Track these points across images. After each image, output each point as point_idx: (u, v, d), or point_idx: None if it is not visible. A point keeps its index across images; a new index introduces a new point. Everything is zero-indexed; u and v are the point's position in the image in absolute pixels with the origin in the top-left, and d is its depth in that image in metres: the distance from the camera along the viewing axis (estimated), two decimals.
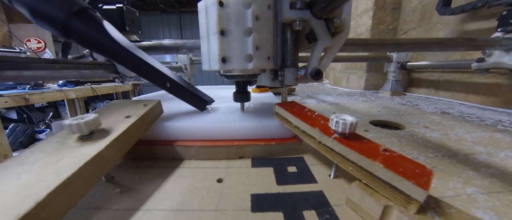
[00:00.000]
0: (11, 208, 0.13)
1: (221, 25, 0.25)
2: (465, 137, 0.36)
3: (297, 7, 0.27)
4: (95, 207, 0.20)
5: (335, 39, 0.29)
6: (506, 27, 0.51)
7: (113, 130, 0.23)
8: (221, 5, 0.24)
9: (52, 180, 0.16)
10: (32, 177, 0.16)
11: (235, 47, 0.26)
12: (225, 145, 0.29)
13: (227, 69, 0.27)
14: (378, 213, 0.17)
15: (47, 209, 0.15)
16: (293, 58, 0.31)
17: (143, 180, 0.25)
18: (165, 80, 0.33)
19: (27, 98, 1.06)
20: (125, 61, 0.31)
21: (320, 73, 0.29)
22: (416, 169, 0.17)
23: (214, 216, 0.19)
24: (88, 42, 0.30)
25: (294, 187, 0.23)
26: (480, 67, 0.55)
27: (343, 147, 0.20)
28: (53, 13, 0.26)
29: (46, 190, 0.15)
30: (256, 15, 0.25)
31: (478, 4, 0.54)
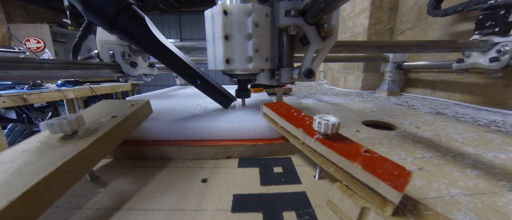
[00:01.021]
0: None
1: (225, 31, 0.29)
2: (456, 138, 0.35)
3: (291, 14, 0.31)
4: (76, 207, 0.20)
5: (325, 42, 0.32)
6: (482, 31, 0.55)
7: (97, 130, 0.23)
8: (225, 14, 0.28)
9: (28, 179, 0.16)
10: (9, 176, 0.16)
11: (237, 50, 0.30)
12: (212, 145, 0.29)
13: (230, 69, 0.31)
14: (356, 214, 0.17)
15: (22, 208, 0.15)
16: (288, 59, 0.34)
17: (127, 180, 0.25)
18: (196, 77, 0.35)
19: (25, 98, 1.07)
20: (162, 56, 0.33)
21: (312, 72, 0.32)
22: (395, 171, 0.17)
23: (193, 216, 0.19)
24: (131, 36, 0.31)
25: (278, 187, 0.23)
26: (460, 67, 0.59)
27: (325, 148, 0.20)
28: (104, 8, 0.28)
29: (21, 189, 0.15)
30: (256, 22, 0.29)
31: (458, 8, 0.57)
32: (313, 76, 0.33)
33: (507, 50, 0.50)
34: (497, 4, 0.50)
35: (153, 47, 0.32)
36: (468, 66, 0.57)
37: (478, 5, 0.53)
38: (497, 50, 0.52)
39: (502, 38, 0.52)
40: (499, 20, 0.51)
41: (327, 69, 1.50)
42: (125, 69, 0.50)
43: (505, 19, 0.50)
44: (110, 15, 0.29)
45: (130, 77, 0.54)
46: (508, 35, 0.51)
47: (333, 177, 0.24)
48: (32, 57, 1.03)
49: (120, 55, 0.51)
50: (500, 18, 0.51)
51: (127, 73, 0.51)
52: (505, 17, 0.50)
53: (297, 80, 0.34)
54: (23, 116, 1.57)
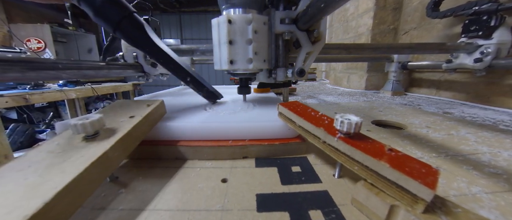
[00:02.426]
0: (19, 208, 0.13)
1: (230, 36, 0.34)
2: (468, 137, 0.36)
3: (286, 22, 0.37)
4: (100, 207, 0.20)
5: (315, 46, 0.38)
6: (468, 34, 0.61)
7: (117, 130, 0.23)
8: (229, 22, 0.34)
9: (58, 180, 0.16)
10: (38, 177, 0.16)
11: (240, 53, 0.35)
12: (228, 145, 0.29)
13: (233, 68, 0.36)
14: (384, 212, 0.17)
15: (55, 209, 0.14)
16: (283, 60, 0.40)
17: (147, 180, 0.25)
18: (187, 75, 0.41)
19: (27, 98, 1.06)
20: (157, 57, 0.39)
21: (303, 71, 0.38)
22: (422, 169, 0.17)
23: (220, 216, 0.19)
24: (132, 39, 0.37)
25: (299, 187, 0.23)
26: (449, 67, 0.65)
27: (348, 146, 0.20)
28: (110, 15, 0.34)
29: (53, 191, 0.15)
30: (255, 29, 0.34)
31: (448, 13, 0.63)
32: (305, 75, 0.39)
33: (489, 52, 0.56)
34: (481, 11, 0.56)
35: (150, 49, 0.37)
36: (456, 66, 0.62)
37: (464, 11, 0.59)
38: (480, 52, 0.58)
39: (485, 41, 0.58)
40: (482, 25, 0.57)
41: (329, 69, 1.50)
42: (146, 69, 0.57)
43: (487, 24, 0.56)
44: (115, 21, 0.34)
45: (151, 76, 0.62)
46: (490, 38, 0.56)
47: (353, 176, 0.24)
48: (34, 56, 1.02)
49: (142, 57, 0.57)
50: (483, 23, 0.57)
51: (148, 72, 0.58)
52: (488, 22, 0.56)
53: (291, 78, 0.40)
54: (24, 116, 1.56)
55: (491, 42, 0.56)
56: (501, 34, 0.55)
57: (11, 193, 0.15)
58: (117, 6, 0.34)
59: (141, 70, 0.54)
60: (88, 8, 0.32)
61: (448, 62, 0.64)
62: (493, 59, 0.55)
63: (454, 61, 0.63)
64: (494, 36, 0.55)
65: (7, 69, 0.25)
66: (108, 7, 0.33)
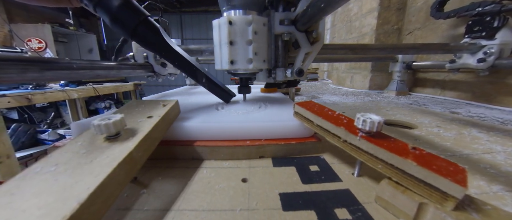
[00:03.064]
0: (56, 210, 0.13)
1: (230, 37, 0.35)
2: (479, 136, 0.36)
3: (285, 23, 0.37)
4: (124, 208, 0.20)
5: (313, 47, 0.38)
6: (471, 34, 0.62)
7: (138, 131, 0.23)
8: (230, 24, 0.34)
9: (90, 181, 0.16)
10: (69, 178, 0.16)
11: (240, 53, 0.36)
12: (245, 145, 0.29)
13: (234, 68, 0.37)
14: (413, 210, 0.17)
15: (89, 210, 0.14)
16: (283, 60, 0.41)
17: (167, 181, 0.25)
18: (202, 76, 0.41)
19: (29, 98, 1.05)
20: (173, 59, 0.39)
21: (302, 71, 0.39)
22: (449, 167, 0.17)
23: (246, 215, 0.19)
24: (148, 43, 0.37)
25: (320, 185, 0.23)
26: (452, 67, 0.66)
27: (372, 145, 0.21)
28: (127, 21, 0.34)
29: (87, 191, 0.15)
30: (255, 30, 0.35)
31: (451, 14, 0.64)
32: (303, 75, 0.39)
33: (492, 52, 0.57)
34: (484, 12, 0.57)
35: (167, 52, 0.38)
36: (459, 66, 0.64)
37: (467, 12, 0.60)
38: (484, 52, 0.59)
39: (488, 41, 0.58)
40: (485, 26, 0.58)
41: (332, 69, 1.51)
42: (156, 69, 0.58)
43: (490, 25, 0.57)
44: (132, 26, 0.34)
45: (161, 76, 0.62)
46: (494, 39, 0.57)
47: (373, 174, 0.25)
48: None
49: (152, 57, 0.58)
50: (486, 24, 0.58)
51: (158, 72, 0.59)
52: (491, 23, 0.57)
53: (290, 78, 0.40)
54: (25, 116, 1.54)
55: (495, 42, 0.57)
56: (504, 35, 0.56)
57: (44, 194, 0.15)
58: (132, 11, 0.34)
59: (151, 70, 0.55)
60: (105, 15, 0.33)
61: (452, 62, 0.65)
62: (496, 59, 0.56)
63: (458, 61, 0.64)
64: (497, 37, 0.56)
65: (26, 69, 0.25)
66: (124, 13, 0.33)
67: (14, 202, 0.14)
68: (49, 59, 0.28)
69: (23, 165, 1.27)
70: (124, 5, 0.32)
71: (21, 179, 0.16)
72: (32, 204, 0.14)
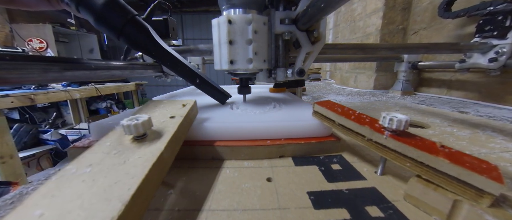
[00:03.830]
0: (101, 211, 0.13)
1: (230, 37, 0.34)
2: (494, 135, 0.37)
3: (285, 23, 0.36)
4: (155, 209, 0.20)
5: (314, 46, 0.38)
6: (482, 34, 0.62)
7: (164, 131, 0.23)
8: (230, 23, 0.33)
9: (129, 181, 0.16)
10: (105, 179, 0.16)
11: (240, 53, 0.35)
12: (265, 144, 0.29)
13: (233, 68, 0.36)
14: (447, 207, 0.17)
15: (132, 211, 0.14)
16: (283, 60, 0.40)
17: (191, 181, 0.25)
18: (196, 77, 0.40)
19: (32, 98, 1.04)
20: (164, 60, 0.37)
21: (303, 71, 0.38)
22: (482, 164, 0.17)
23: (279, 214, 0.19)
24: (137, 44, 0.35)
25: (345, 184, 0.23)
26: (462, 67, 0.66)
27: (400, 143, 0.21)
28: (113, 20, 0.32)
29: (128, 192, 0.15)
30: (255, 29, 0.34)
31: (461, 13, 0.63)
32: (304, 75, 0.39)
33: (504, 52, 0.57)
34: (495, 11, 0.57)
35: (157, 52, 0.36)
36: (469, 66, 0.63)
37: (478, 11, 0.59)
38: (495, 52, 0.58)
39: (500, 40, 0.58)
40: (497, 25, 0.57)
41: (334, 69, 1.51)
42: (165, 69, 0.57)
43: (502, 24, 0.56)
44: (119, 26, 0.32)
45: (169, 76, 0.62)
46: (505, 38, 0.57)
47: (396, 173, 0.25)
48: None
49: None
50: (498, 23, 0.57)
51: (167, 72, 0.59)
52: (503, 22, 0.56)
53: (291, 78, 0.40)
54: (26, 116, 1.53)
55: (506, 42, 0.57)
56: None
57: (86, 195, 0.15)
58: (119, 10, 0.32)
59: (160, 69, 0.54)
60: (88, 15, 0.31)
61: (462, 62, 0.65)
62: (508, 59, 0.56)
63: (468, 60, 0.64)
64: (509, 36, 0.56)
65: (48, 69, 0.25)
66: (109, 12, 0.31)
67: (58, 204, 0.14)
68: (70, 59, 0.27)
69: (26, 165, 1.26)
70: (109, 3, 0.30)
71: (59, 181, 0.16)
72: (76, 205, 0.14)
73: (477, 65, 0.62)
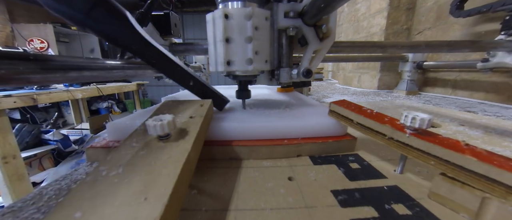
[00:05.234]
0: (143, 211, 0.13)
1: (226, 34, 0.30)
2: (507, 134, 0.37)
3: (290, 16, 0.32)
4: (182, 209, 0.20)
5: (323, 43, 0.33)
6: (509, 30, 0.58)
7: (187, 131, 0.23)
8: (226, 18, 0.29)
9: (164, 182, 0.16)
10: (139, 179, 0.16)
11: (238, 52, 0.31)
12: (283, 144, 0.30)
13: (231, 70, 0.32)
14: (475, 205, 0.17)
15: (170, 212, 0.15)
16: (287, 60, 0.36)
17: (213, 181, 0.25)
18: (189, 79, 0.33)
19: (35, 98, 1.03)
20: (149, 57, 0.30)
21: (310, 72, 0.34)
22: (509, 162, 0.17)
23: (307, 213, 0.19)
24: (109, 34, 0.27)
25: (367, 182, 0.24)
26: (485, 67, 0.61)
27: (424, 142, 0.21)
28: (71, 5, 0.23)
29: (166, 192, 0.15)
30: (256, 25, 0.30)
31: (483, 9, 0.59)
32: (311, 76, 0.34)
33: None
34: None
35: (139, 46, 0.28)
36: (493, 65, 0.59)
37: (504, 6, 0.55)
38: None
39: None
40: None
41: (337, 69, 1.52)
42: None
43: None
44: (83, 8, 0.24)
45: None
46: None
47: (415, 171, 0.25)
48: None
49: None
50: None
51: None
52: None
53: (296, 79, 0.35)
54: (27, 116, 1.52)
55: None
56: None
57: (123, 195, 0.15)
58: None
59: None
60: None
61: (484, 61, 0.60)
62: None
63: (491, 60, 0.58)
64: None
65: (68, 70, 0.25)
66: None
67: (96, 205, 0.14)
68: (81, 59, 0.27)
69: (28, 165, 1.25)
70: None
71: (93, 181, 0.16)
72: (115, 206, 0.14)
73: (503, 65, 0.56)
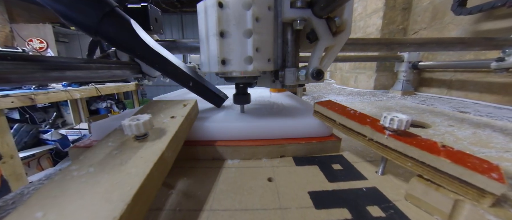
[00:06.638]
0: (104, 211, 0.13)
1: (221, 26, 0.25)
2: (494, 135, 0.37)
3: (297, 6, 0.26)
4: (156, 208, 0.20)
5: (337, 39, 0.28)
6: None
7: (164, 131, 0.23)
8: (220, 6, 0.24)
9: (130, 181, 0.16)
10: (108, 179, 0.16)
11: (235, 49, 0.26)
12: (266, 144, 0.29)
13: (226, 71, 0.27)
14: (448, 207, 0.17)
15: (134, 211, 0.14)
16: (293, 59, 0.30)
17: (192, 181, 0.25)
18: (189, 80, 0.34)
19: (33, 98, 1.04)
20: (152, 61, 0.32)
21: (321, 73, 0.29)
22: (483, 164, 0.17)
23: (280, 214, 0.19)
24: (118, 41, 0.30)
25: (346, 184, 0.23)
26: (500, 67, 0.56)
27: (401, 143, 0.21)
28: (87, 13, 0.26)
29: (130, 192, 0.15)
30: (257, 16, 0.25)
31: (498, 4, 0.54)
32: (322, 78, 0.29)
33: None
34: None
35: (142, 52, 0.31)
36: (509, 65, 0.53)
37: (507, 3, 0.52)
38: None
39: None
40: None
41: (335, 69, 1.51)
42: (145, 69, 0.46)
43: None
44: (95, 21, 0.27)
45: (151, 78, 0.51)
46: None
47: (396, 172, 0.25)
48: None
49: None
50: None
51: (147, 73, 0.47)
52: None
53: (304, 81, 0.30)
54: (26, 116, 1.53)
55: None
56: None
57: (88, 195, 0.15)
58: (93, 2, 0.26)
59: (138, 70, 0.43)
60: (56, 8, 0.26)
61: (499, 61, 0.54)
62: None
63: (508, 59, 0.53)
64: None
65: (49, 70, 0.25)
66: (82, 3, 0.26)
67: (59, 204, 0.14)
68: None
69: (26, 165, 1.26)
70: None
71: (61, 181, 0.16)
72: (79, 205, 0.14)
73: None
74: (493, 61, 0.57)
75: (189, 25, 3.31)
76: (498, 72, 0.57)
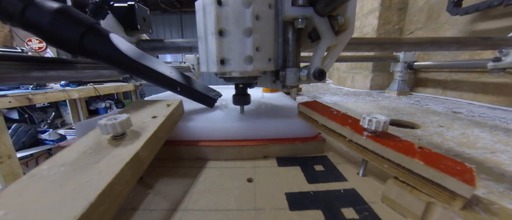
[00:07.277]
0: (65, 210, 0.13)
1: (220, 25, 0.24)
2: (483, 136, 0.36)
3: (299, 4, 0.26)
4: (131, 208, 0.20)
5: (339, 38, 0.28)
6: None
7: (143, 131, 0.23)
8: (219, 4, 0.23)
9: (98, 180, 0.16)
10: (78, 178, 0.16)
11: (234, 48, 0.25)
12: (250, 144, 0.29)
13: (225, 71, 0.26)
14: (420, 209, 0.17)
15: (99, 210, 0.14)
16: (294, 58, 0.30)
17: (172, 181, 0.25)
18: (175, 85, 0.34)
19: (30, 98, 1.05)
20: (137, 71, 0.32)
21: (323, 73, 0.28)
22: (457, 166, 0.17)
23: (253, 215, 0.19)
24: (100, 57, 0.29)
25: (326, 185, 0.23)
26: (496, 67, 0.55)
27: (378, 145, 0.21)
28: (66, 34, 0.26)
29: (96, 191, 0.15)
30: (257, 14, 0.25)
31: (494, 3, 0.53)
32: (324, 78, 0.28)
33: None
34: None
35: (125, 64, 0.30)
36: (506, 65, 0.53)
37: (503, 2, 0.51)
38: None
39: None
40: None
41: (332, 69, 1.51)
42: None
43: None
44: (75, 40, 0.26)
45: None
46: None
47: (378, 174, 0.25)
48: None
49: None
50: None
51: None
52: None
53: (305, 82, 0.29)
54: (25, 116, 1.54)
55: None
56: None
57: (54, 195, 0.15)
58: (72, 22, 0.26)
59: None
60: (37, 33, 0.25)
61: (496, 61, 0.54)
62: None
63: (504, 59, 0.53)
64: None
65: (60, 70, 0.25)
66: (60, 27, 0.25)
67: (23, 203, 0.14)
68: None
69: (24, 165, 1.27)
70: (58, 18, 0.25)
71: (30, 180, 0.16)
72: (42, 204, 0.14)
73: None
74: (490, 61, 0.56)
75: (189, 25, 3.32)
76: (495, 72, 0.56)
